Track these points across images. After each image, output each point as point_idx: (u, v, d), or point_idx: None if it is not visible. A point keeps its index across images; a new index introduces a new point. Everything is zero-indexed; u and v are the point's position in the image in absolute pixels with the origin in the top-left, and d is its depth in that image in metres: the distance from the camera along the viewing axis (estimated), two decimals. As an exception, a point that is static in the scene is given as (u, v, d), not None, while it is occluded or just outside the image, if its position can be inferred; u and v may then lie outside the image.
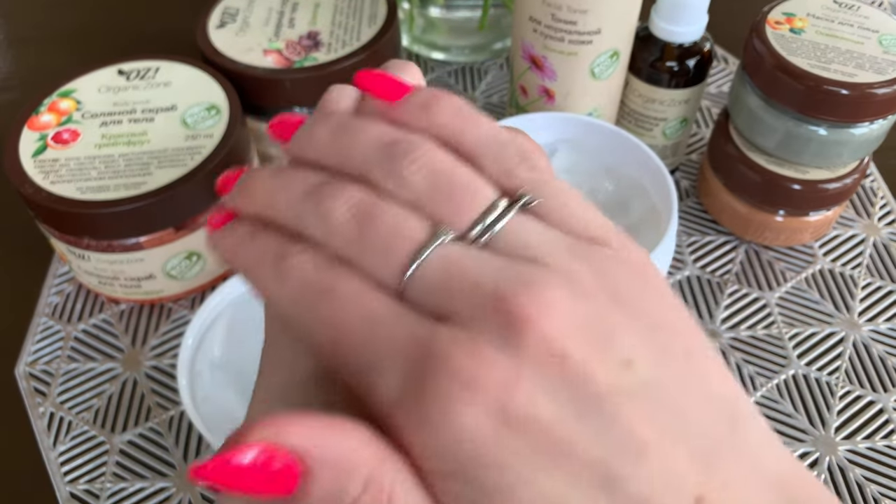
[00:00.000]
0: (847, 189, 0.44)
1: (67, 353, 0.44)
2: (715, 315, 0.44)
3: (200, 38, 0.48)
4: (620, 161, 0.41)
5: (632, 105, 0.47)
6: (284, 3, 0.51)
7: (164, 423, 0.41)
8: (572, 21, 0.41)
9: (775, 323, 0.44)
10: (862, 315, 0.44)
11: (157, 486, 0.38)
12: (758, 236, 0.47)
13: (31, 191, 0.40)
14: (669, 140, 0.48)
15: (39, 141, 0.42)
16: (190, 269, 0.44)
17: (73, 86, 0.45)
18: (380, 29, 0.49)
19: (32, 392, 0.42)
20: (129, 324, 0.45)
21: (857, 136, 0.41)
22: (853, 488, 0.38)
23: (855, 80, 0.39)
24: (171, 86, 0.45)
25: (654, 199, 0.40)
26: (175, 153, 0.41)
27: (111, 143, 0.42)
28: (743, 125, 0.44)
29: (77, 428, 0.40)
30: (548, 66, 0.44)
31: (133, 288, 0.43)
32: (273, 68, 0.46)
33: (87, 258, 0.42)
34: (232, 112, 0.43)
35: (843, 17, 0.42)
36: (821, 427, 0.40)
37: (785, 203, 0.45)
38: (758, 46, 0.41)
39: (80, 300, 0.46)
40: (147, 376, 0.42)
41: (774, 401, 0.41)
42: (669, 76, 0.45)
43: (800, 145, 0.42)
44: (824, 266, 0.47)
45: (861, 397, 0.41)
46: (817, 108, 0.40)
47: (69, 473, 0.39)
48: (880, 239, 0.48)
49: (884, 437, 0.40)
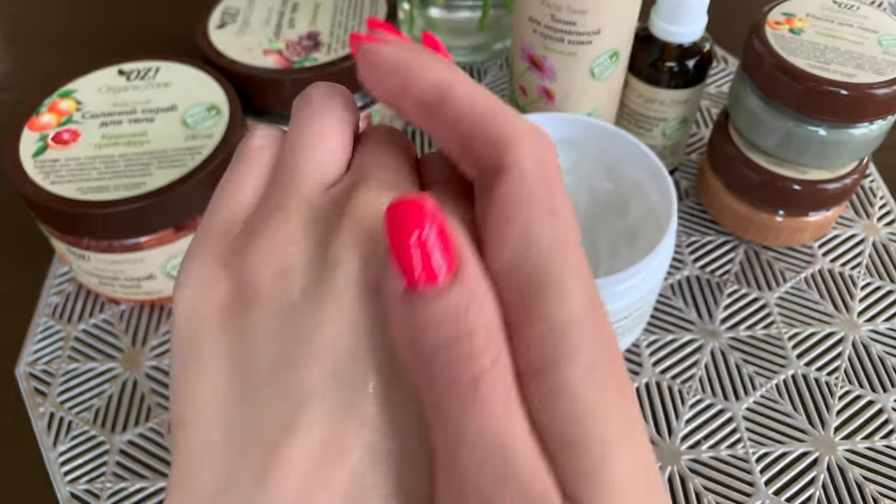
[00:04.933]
0: (847, 189, 0.44)
1: (68, 353, 0.44)
2: (714, 315, 0.44)
3: (200, 39, 0.48)
4: (620, 161, 0.41)
5: (631, 105, 0.47)
6: (284, 3, 0.51)
7: (164, 423, 0.41)
8: (572, 21, 0.41)
9: (775, 323, 0.44)
10: (861, 315, 0.45)
11: (158, 486, 0.38)
12: (757, 236, 0.47)
13: (32, 191, 0.40)
14: (669, 140, 0.48)
15: (40, 141, 0.42)
16: (190, 270, 0.44)
17: (73, 86, 0.45)
18: (380, 29, 0.49)
19: (32, 392, 0.42)
20: (130, 324, 0.45)
21: (857, 136, 0.41)
22: (853, 488, 0.38)
23: (854, 80, 0.39)
24: (171, 86, 0.45)
25: (654, 199, 0.40)
26: (175, 153, 0.41)
27: (111, 143, 0.42)
28: (743, 125, 0.44)
29: (77, 428, 0.41)
30: (547, 67, 0.44)
31: (133, 288, 0.43)
32: (273, 68, 0.46)
33: (87, 258, 0.42)
34: (232, 112, 0.43)
35: (842, 18, 0.42)
36: (820, 427, 0.40)
37: (784, 203, 0.45)
38: (757, 47, 0.41)
39: (80, 300, 0.46)
40: (147, 376, 0.42)
41: (774, 401, 0.41)
42: (669, 76, 0.45)
43: (799, 145, 0.42)
44: (824, 266, 0.47)
45: (860, 397, 0.41)
46: (817, 109, 0.40)
47: (69, 473, 0.39)
48: (880, 239, 0.48)
49: (883, 437, 0.40)
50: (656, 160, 0.39)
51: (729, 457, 0.39)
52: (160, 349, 0.44)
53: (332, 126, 0.19)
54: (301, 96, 0.20)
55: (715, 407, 0.41)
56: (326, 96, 0.19)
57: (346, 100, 0.19)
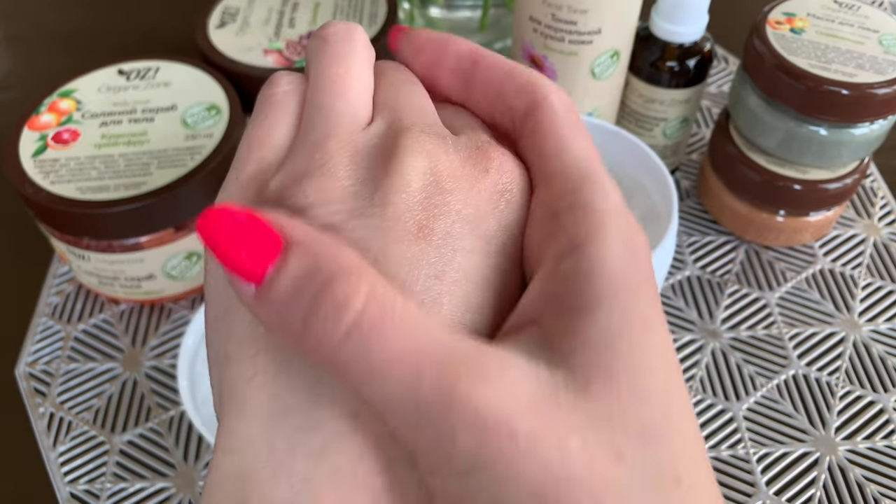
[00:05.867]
0: (847, 189, 0.44)
1: (67, 353, 0.44)
2: (715, 315, 0.44)
3: (200, 38, 0.48)
4: (621, 161, 0.41)
5: (632, 105, 0.47)
6: (284, 2, 0.51)
7: (164, 423, 0.41)
8: (572, 21, 0.41)
9: (775, 323, 0.44)
10: (862, 315, 0.44)
11: (157, 487, 0.38)
12: (758, 236, 0.47)
13: (31, 191, 0.40)
14: (670, 140, 0.48)
15: (39, 141, 0.42)
16: (190, 270, 0.44)
17: (73, 86, 0.45)
18: (380, 29, 0.49)
19: (32, 392, 0.42)
20: (129, 324, 0.45)
21: (858, 136, 0.41)
22: (853, 488, 0.38)
23: (855, 80, 0.39)
24: (171, 86, 0.45)
25: (655, 198, 0.40)
26: (175, 153, 0.41)
27: (111, 143, 0.42)
28: (743, 125, 0.44)
29: (77, 428, 0.40)
30: (548, 66, 0.44)
31: (133, 288, 0.43)
32: (273, 68, 0.46)
33: (87, 258, 0.42)
34: (232, 112, 0.43)
35: (843, 17, 0.42)
36: (821, 427, 0.40)
37: (785, 203, 0.45)
38: (758, 46, 0.41)
39: (80, 300, 0.46)
40: (147, 376, 0.42)
41: (774, 401, 0.41)
42: (670, 76, 0.45)
43: (800, 145, 0.42)
44: (824, 266, 0.47)
45: (861, 397, 0.41)
46: (817, 108, 0.40)
47: (69, 474, 0.39)
48: (880, 239, 0.48)
49: (884, 438, 0.40)
50: (657, 160, 0.39)
51: (730, 457, 0.39)
52: (160, 349, 0.44)
53: (357, 65, 0.19)
54: (316, 38, 0.20)
55: (716, 407, 0.41)
56: (345, 36, 0.19)
57: (364, 38, 0.20)
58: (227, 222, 0.14)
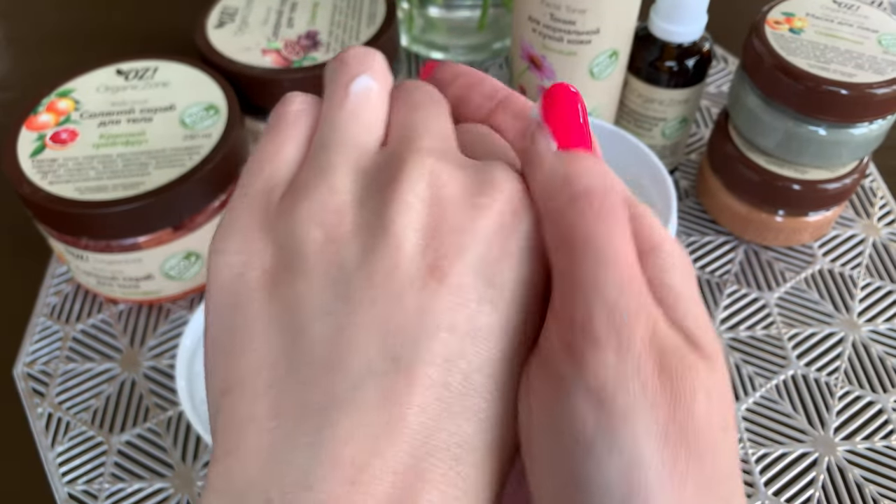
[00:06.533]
0: (846, 189, 0.44)
1: (66, 353, 0.43)
2: (714, 315, 0.44)
3: (199, 38, 0.48)
4: (620, 161, 0.41)
5: (631, 105, 0.47)
6: (283, 2, 0.51)
7: (162, 423, 0.41)
8: (571, 21, 0.41)
9: (774, 323, 0.44)
10: (861, 315, 0.44)
11: (156, 487, 0.38)
12: (757, 236, 0.47)
13: (30, 191, 0.40)
14: (669, 140, 0.48)
15: (38, 141, 0.42)
16: (188, 270, 0.44)
17: (71, 85, 0.45)
18: (379, 28, 0.49)
19: (30, 392, 0.42)
20: (128, 324, 0.45)
21: (857, 136, 0.41)
22: (852, 489, 0.38)
23: (854, 80, 0.39)
24: (169, 86, 0.45)
25: (654, 198, 0.40)
26: (173, 153, 0.41)
27: (109, 143, 0.42)
28: (742, 125, 0.44)
29: (75, 428, 0.40)
30: (547, 66, 0.44)
31: (131, 288, 0.43)
32: (272, 68, 0.46)
33: (85, 258, 0.42)
34: (230, 112, 0.43)
35: (842, 17, 0.42)
36: (820, 427, 0.40)
37: (784, 203, 0.45)
38: (757, 46, 0.41)
39: (78, 300, 0.46)
40: (145, 377, 0.42)
41: (774, 401, 0.41)
42: (669, 76, 0.45)
43: (799, 145, 0.42)
44: (824, 266, 0.47)
45: (860, 398, 0.41)
46: (817, 108, 0.40)
47: (67, 474, 0.39)
48: (880, 239, 0.48)
49: (883, 438, 0.40)
50: (656, 160, 0.39)
51: (728, 457, 0.39)
52: (158, 349, 0.43)
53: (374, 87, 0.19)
54: (335, 60, 0.20)
55: (714, 407, 0.41)
56: (363, 60, 0.19)
57: (382, 62, 0.20)
58: (573, 100, 0.17)
